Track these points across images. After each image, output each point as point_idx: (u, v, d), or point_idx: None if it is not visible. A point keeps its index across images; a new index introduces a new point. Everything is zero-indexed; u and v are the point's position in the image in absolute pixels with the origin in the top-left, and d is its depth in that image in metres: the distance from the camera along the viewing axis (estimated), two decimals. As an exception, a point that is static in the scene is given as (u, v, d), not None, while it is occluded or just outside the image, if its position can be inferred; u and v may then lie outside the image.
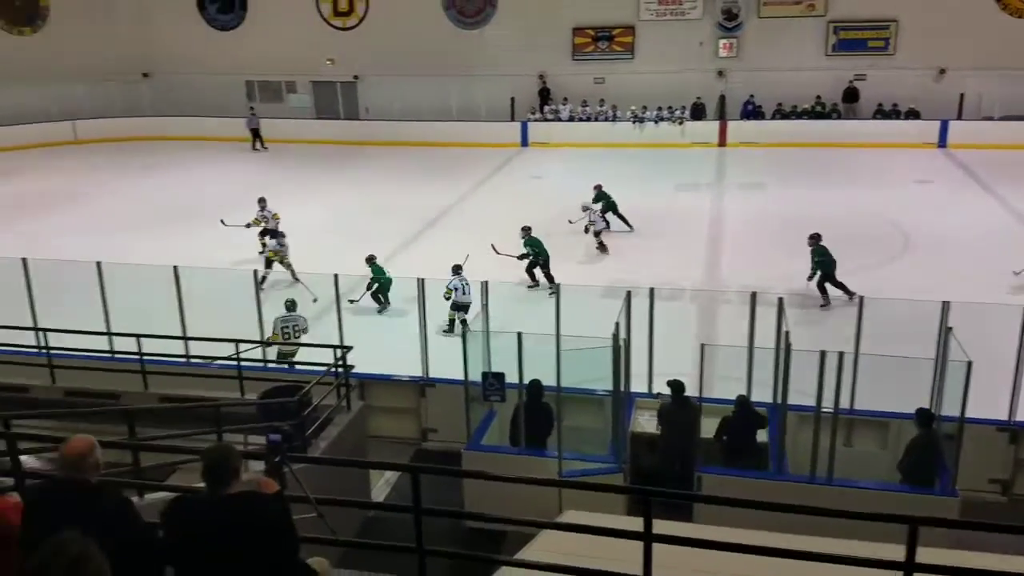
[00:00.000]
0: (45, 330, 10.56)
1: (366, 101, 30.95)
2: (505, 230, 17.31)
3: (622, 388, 8.57)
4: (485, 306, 9.63)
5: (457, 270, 13.43)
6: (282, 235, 15.98)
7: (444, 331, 12.86)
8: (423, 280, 11.05)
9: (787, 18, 28.00)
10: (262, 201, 17.26)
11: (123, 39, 30.89)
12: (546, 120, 29.11)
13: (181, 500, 3.56)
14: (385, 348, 11.69)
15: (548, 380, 8.84)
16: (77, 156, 27.74)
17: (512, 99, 29.33)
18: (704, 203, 20.94)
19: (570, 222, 17.65)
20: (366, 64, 30.39)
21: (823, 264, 13.78)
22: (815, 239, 14.01)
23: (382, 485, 9.85)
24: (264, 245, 16.66)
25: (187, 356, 11.25)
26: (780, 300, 9.01)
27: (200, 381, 10.29)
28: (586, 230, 17.19)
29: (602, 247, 17.11)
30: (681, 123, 27.93)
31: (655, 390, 9.78)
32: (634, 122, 28.06)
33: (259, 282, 12.69)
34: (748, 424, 8.70)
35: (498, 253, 14.79)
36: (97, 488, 3.46)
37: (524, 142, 28.68)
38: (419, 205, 20.54)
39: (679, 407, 8.70)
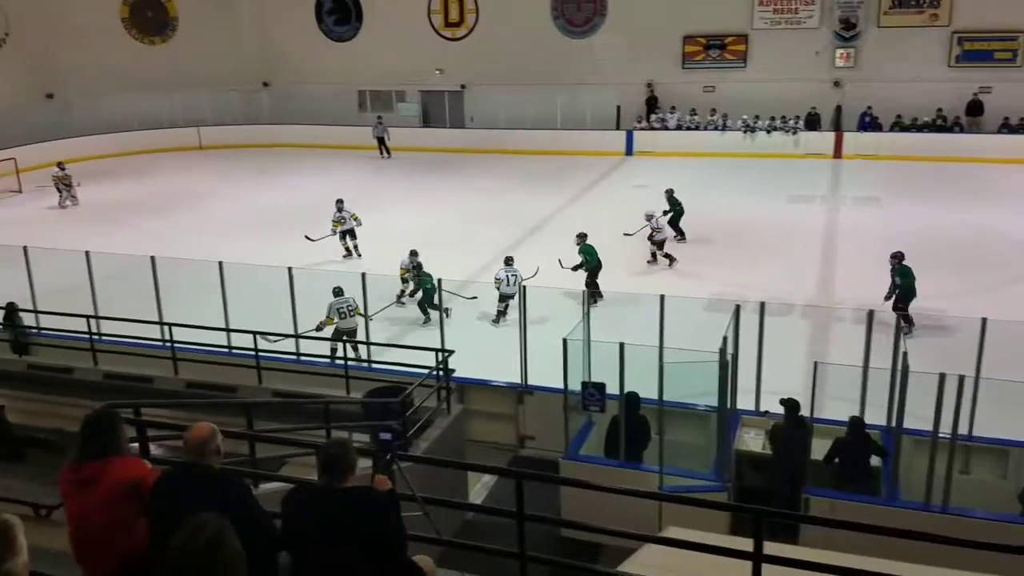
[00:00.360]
0: (170, 324, 11.15)
1: (472, 110, 31.38)
2: (607, 239, 17.24)
3: (728, 404, 8.36)
4: (586, 315, 9.59)
5: (508, 262, 14.07)
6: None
7: (492, 321, 13.56)
8: (525, 287, 11.11)
9: (908, 28, 26.86)
10: (339, 203, 17.77)
11: (245, 50, 32.35)
12: (652, 129, 28.82)
13: (299, 490, 3.68)
14: (485, 352, 11.77)
15: (647, 392, 8.73)
16: (201, 161, 29.16)
17: (618, 107, 29.18)
18: (817, 216, 20.28)
19: (626, 235, 17.05)
20: (473, 73, 30.82)
21: (904, 287, 13.02)
22: (898, 258, 13.26)
23: (479, 489, 9.93)
24: (348, 249, 17.44)
25: (298, 353, 11.65)
26: (897, 320, 8.63)
27: (309, 378, 10.66)
28: (650, 239, 16.61)
29: (668, 258, 16.54)
30: (795, 133, 27.18)
31: (762, 408, 9.50)
32: (745, 132, 27.47)
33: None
34: (862, 447, 8.35)
35: (563, 267, 14.51)
36: (218, 473, 3.63)
37: (629, 151, 28.47)
38: (521, 213, 20.65)
39: (792, 427, 8.41)
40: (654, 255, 16.64)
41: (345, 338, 12.26)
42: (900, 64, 26.77)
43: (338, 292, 12.30)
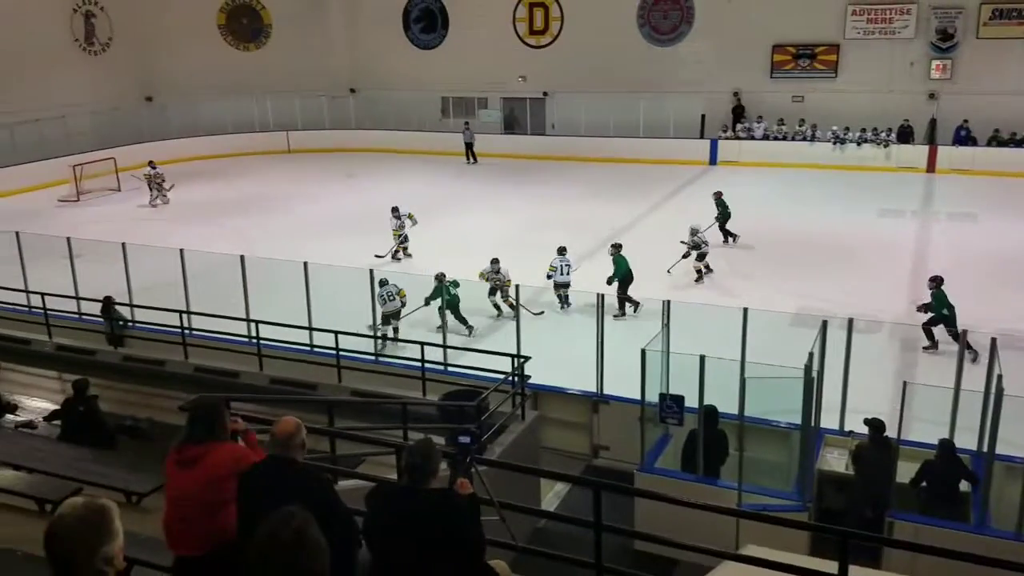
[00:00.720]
0: (256, 322, 11.49)
1: (553, 117, 31.42)
2: (684, 250, 17.02)
3: (811, 423, 8.13)
4: (666, 326, 9.47)
5: (561, 251, 14.66)
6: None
7: (535, 313, 13.88)
8: (602, 296, 11.03)
9: (1009, 39, 25.75)
10: (395, 210, 17.91)
11: (335, 57, 33.16)
12: (738, 138, 28.34)
13: (383, 488, 3.75)
14: (560, 360, 11.73)
15: (726, 407, 8.56)
16: (289, 164, 29.98)
17: (703, 116, 28.80)
18: (909, 231, 19.59)
19: (668, 272, 15.98)
20: (556, 80, 30.88)
21: (940, 315, 12.33)
22: (936, 283, 12.58)
23: (551, 497, 9.89)
24: (405, 251, 17.76)
25: (376, 354, 11.85)
26: (993, 341, 8.26)
27: (387, 379, 10.83)
28: (686, 255, 15.89)
29: (707, 270, 15.92)
30: (886, 146, 26.35)
31: (847, 427, 9.21)
32: (834, 143, 26.77)
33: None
34: (951, 471, 8.01)
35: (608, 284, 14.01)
36: (302, 467, 3.72)
37: (712, 160, 28.07)
38: (599, 221, 20.54)
39: (877, 447, 8.12)
40: (699, 272, 15.85)
41: (392, 320, 13.17)
42: (999, 77, 25.74)
43: (383, 283, 13.14)
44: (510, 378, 10.09)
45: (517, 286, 12.17)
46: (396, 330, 13.22)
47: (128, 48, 31.24)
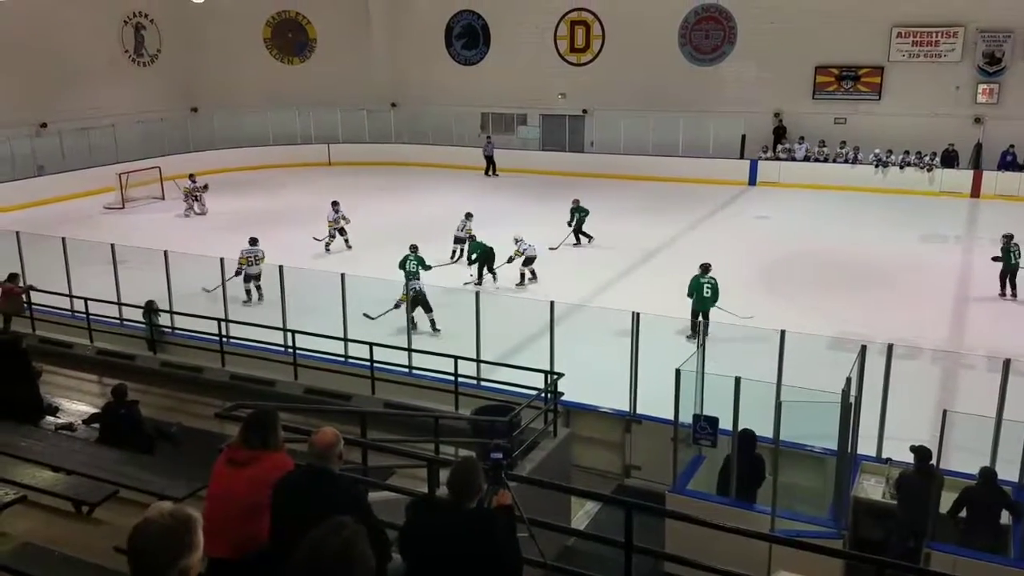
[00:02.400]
0: (293, 331, 11.61)
1: (592, 134, 31.45)
2: (722, 269, 16.82)
3: (848, 449, 7.99)
4: (701, 346, 9.39)
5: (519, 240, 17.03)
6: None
7: (516, 284, 15.74)
8: (638, 314, 10.96)
9: (1060, 64, 25.30)
10: (335, 204, 20.27)
11: (377, 72, 33.56)
12: (778, 159, 28.11)
13: (426, 501, 3.76)
14: (593, 377, 11.66)
15: (761, 430, 8.46)
16: (329, 176, 30.28)
17: (743, 136, 28.63)
18: (951, 257, 19.25)
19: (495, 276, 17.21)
20: (595, 98, 30.92)
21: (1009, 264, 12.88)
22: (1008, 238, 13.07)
23: (581, 516, 9.83)
24: (346, 243, 19.59)
25: (409, 367, 11.89)
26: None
27: (420, 392, 10.87)
28: (510, 260, 17.00)
29: (532, 276, 16.96)
30: (930, 170, 25.95)
31: (884, 455, 9.04)
32: (877, 166, 26.43)
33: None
34: (992, 500, 7.81)
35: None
36: (337, 477, 3.76)
37: (752, 181, 27.85)
38: (636, 239, 20.48)
39: (921, 475, 7.95)
40: (523, 276, 16.97)
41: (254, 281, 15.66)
42: (1049, 102, 25.25)
43: (253, 242, 16.17)
44: (543, 394, 10.08)
45: (552, 303, 12.13)
46: (259, 289, 15.57)
47: (175, 59, 31.94)
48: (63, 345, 12.63)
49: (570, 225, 20.17)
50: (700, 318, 13.37)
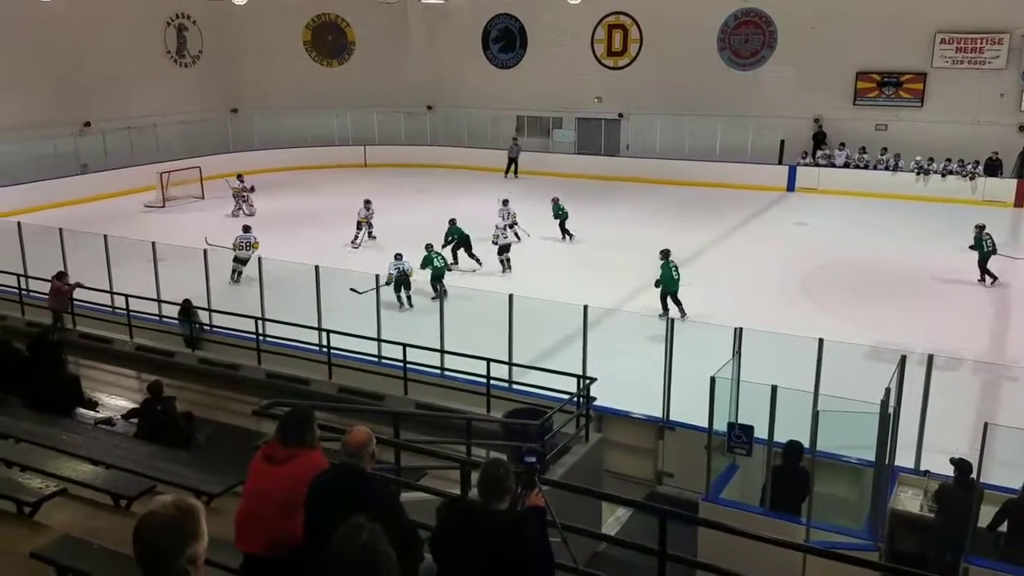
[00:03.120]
0: (328, 331, 11.71)
1: (628, 138, 31.33)
2: (759, 275, 16.74)
3: (886, 460, 7.86)
4: (737, 353, 9.30)
5: (505, 203, 19.33)
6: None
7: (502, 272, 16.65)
8: (672, 320, 10.90)
9: (1111, 70, 24.70)
10: (367, 203, 21.00)
11: (414, 74, 33.74)
12: (818, 165, 27.78)
13: (457, 503, 3.77)
14: (625, 382, 11.60)
15: (792, 438, 8.35)
16: (365, 178, 30.45)
17: (782, 142, 28.33)
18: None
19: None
20: (632, 102, 30.80)
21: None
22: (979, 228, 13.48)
23: (612, 522, 9.78)
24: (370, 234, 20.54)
25: (442, 368, 11.92)
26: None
27: (452, 393, 10.90)
28: (494, 241, 18.22)
29: (507, 265, 18.10)
30: (972, 178, 25.46)
31: (923, 467, 8.88)
32: (918, 173, 26.00)
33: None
34: (1035, 517, 7.63)
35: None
36: (371, 477, 3.77)
37: (791, 187, 27.55)
38: (672, 244, 20.24)
39: (961, 488, 7.79)
40: (500, 263, 18.17)
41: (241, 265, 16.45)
42: (1098, 110, 24.66)
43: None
44: (575, 399, 10.05)
45: (586, 307, 12.10)
46: (240, 275, 16.42)
47: (217, 61, 32.40)
48: (103, 341, 12.88)
49: (556, 218, 21.34)
50: (670, 300, 15.03)
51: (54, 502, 5.24)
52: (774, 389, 7.95)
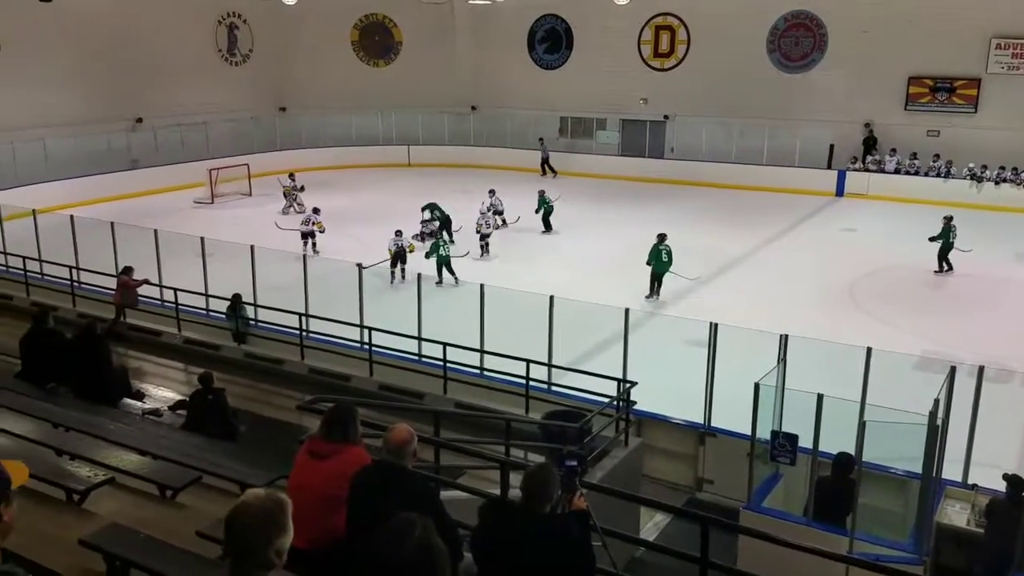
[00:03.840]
0: (369, 328, 11.80)
1: (673, 140, 31.10)
2: (806, 281, 16.48)
3: (933, 473, 7.68)
4: (782, 360, 9.16)
5: (492, 193, 21.16)
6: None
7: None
8: (715, 325, 10.75)
9: None
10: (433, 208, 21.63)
11: (459, 75, 33.92)
12: (868, 171, 27.28)
13: (500, 504, 3.77)
14: (665, 387, 11.49)
15: (843, 449, 8.20)
16: (408, 177, 30.67)
17: (831, 146, 27.88)
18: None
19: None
20: (678, 104, 30.58)
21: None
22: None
23: (650, 527, 9.70)
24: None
25: (481, 368, 11.93)
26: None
27: (490, 393, 10.91)
28: (477, 230, 19.43)
29: (485, 249, 19.37)
30: (1027, 186, 24.83)
31: (971, 480, 8.66)
32: (971, 181, 25.39)
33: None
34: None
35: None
36: (411, 474, 3.79)
37: (839, 191, 27.11)
38: (716, 248, 20.13)
39: (1014, 504, 7.59)
40: (482, 248, 19.38)
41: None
42: None
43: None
44: (615, 402, 9.99)
45: (627, 310, 12.02)
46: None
47: (266, 60, 32.88)
48: (152, 333, 13.12)
49: (537, 213, 22.37)
50: (656, 282, 16.18)
51: (102, 490, 5.33)
52: (820, 397, 7.81)
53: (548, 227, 22.24)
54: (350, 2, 33.54)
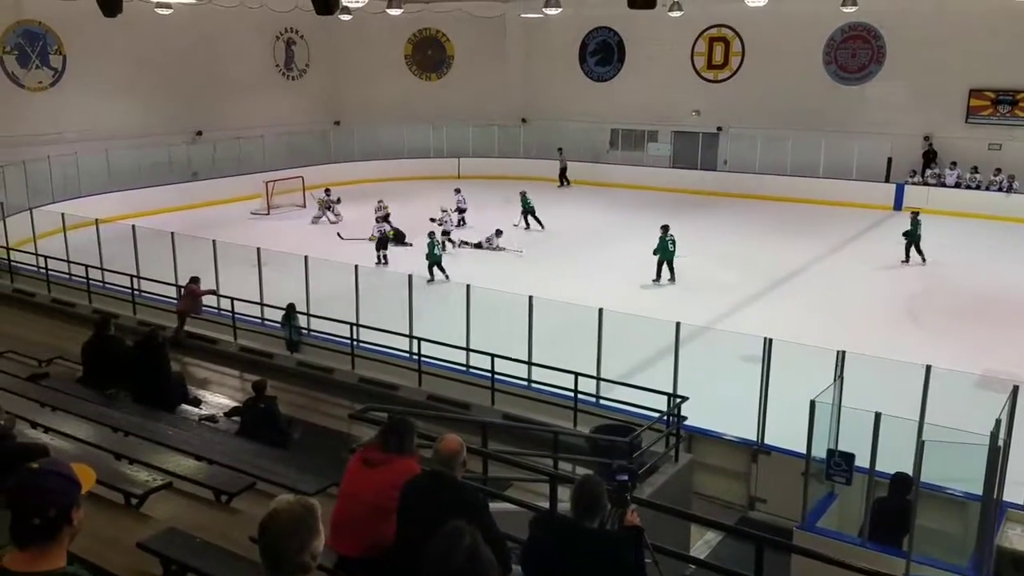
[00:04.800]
0: (419, 339, 11.88)
1: (726, 152, 30.79)
2: (863, 296, 16.14)
3: (994, 495, 7.44)
4: (839, 378, 8.97)
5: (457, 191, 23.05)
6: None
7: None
8: (770, 340, 10.58)
9: None
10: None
11: (510, 87, 34.10)
12: (927, 184, 26.65)
13: (550, 518, 3.77)
14: (717, 403, 11.33)
15: (900, 469, 7.99)
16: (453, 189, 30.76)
17: (889, 159, 27.30)
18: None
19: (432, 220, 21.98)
20: (731, 115, 30.28)
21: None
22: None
23: (701, 545, 9.55)
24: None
25: (529, 380, 11.91)
26: None
27: (537, 405, 10.87)
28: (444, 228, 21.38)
29: (449, 242, 21.08)
30: (1094, 201, 24.00)
31: (1034, 504, 8.38)
32: (1034, 195, 24.66)
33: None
34: None
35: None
36: (461, 484, 3.80)
37: (897, 205, 26.49)
38: (769, 262, 19.83)
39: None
40: (444, 243, 20.53)
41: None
42: None
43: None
44: (665, 417, 9.88)
45: (678, 323, 11.90)
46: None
47: (322, 74, 33.48)
48: (208, 340, 13.40)
49: (523, 214, 23.95)
50: (665, 267, 18.14)
51: (159, 494, 5.45)
52: (877, 416, 7.64)
53: (529, 225, 23.69)
54: (404, 18, 33.86)
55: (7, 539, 2.45)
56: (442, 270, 18.45)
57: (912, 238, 19.82)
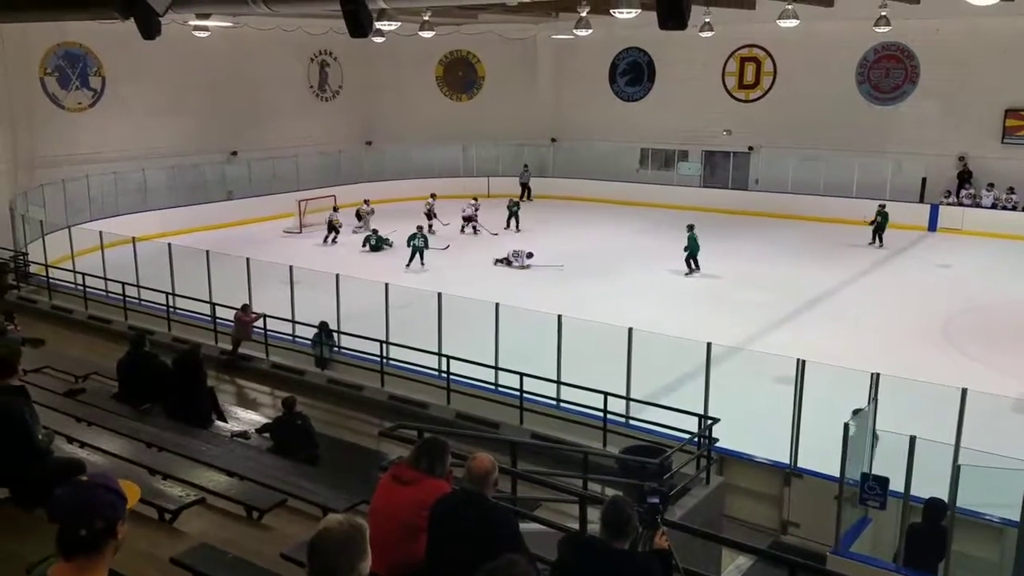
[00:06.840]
0: (448, 357, 11.91)
1: (757, 172, 30.60)
2: (897, 318, 15.91)
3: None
4: (873, 400, 8.85)
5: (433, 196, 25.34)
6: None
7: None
8: (803, 362, 10.46)
9: None
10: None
11: (539, 107, 34.21)
12: (962, 205, 26.27)
13: (579, 539, 3.75)
14: (749, 425, 11.21)
15: (935, 494, 7.85)
16: (485, 208, 30.86)
17: (923, 179, 26.96)
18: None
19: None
20: (762, 135, 30.12)
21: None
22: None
23: (732, 570, 9.43)
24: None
25: (558, 400, 11.88)
26: None
27: (566, 425, 10.84)
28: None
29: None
30: None
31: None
32: (1073, 216, 24.20)
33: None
34: None
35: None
36: (492, 504, 3.80)
37: (932, 226, 26.13)
38: (801, 283, 19.63)
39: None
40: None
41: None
42: None
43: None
44: (695, 439, 9.80)
45: (709, 343, 11.81)
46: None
47: (355, 95, 33.85)
48: (242, 358, 13.54)
49: (510, 217, 26.47)
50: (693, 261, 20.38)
51: (193, 510, 5.50)
52: (912, 440, 7.52)
53: (510, 225, 26.25)
54: (436, 39, 34.18)
55: (53, 550, 2.50)
56: (422, 261, 21.34)
57: (882, 224, 23.50)
